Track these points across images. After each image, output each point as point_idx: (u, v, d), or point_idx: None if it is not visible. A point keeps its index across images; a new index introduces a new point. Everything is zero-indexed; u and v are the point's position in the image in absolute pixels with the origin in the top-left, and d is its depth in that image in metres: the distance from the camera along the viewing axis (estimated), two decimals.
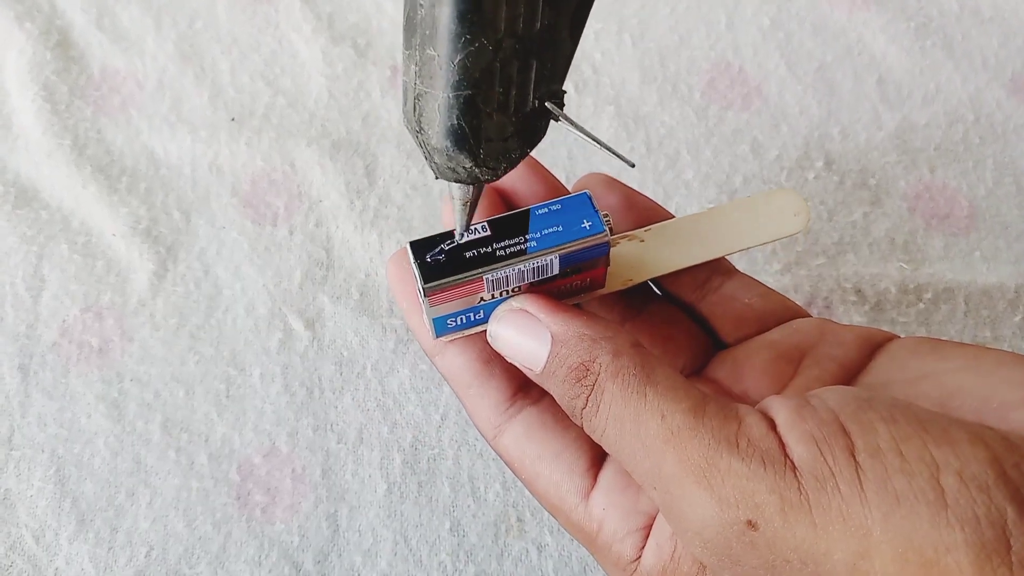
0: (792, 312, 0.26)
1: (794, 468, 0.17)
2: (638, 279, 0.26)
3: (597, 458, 0.23)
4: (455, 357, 0.24)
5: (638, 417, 0.19)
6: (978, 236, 0.38)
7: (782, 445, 0.17)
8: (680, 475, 0.18)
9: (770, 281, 0.37)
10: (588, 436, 0.23)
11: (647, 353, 0.20)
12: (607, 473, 0.23)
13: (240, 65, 0.42)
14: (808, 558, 0.17)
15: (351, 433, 0.33)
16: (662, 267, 0.26)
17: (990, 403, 0.19)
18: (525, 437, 0.23)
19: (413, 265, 0.22)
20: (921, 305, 0.36)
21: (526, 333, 0.22)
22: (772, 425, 0.18)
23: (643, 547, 0.21)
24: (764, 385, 0.24)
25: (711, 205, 0.39)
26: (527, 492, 0.32)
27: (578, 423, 0.21)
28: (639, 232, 0.26)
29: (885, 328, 0.36)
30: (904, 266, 0.37)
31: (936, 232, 0.39)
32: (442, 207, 0.26)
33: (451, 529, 0.32)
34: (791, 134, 0.41)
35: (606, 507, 0.22)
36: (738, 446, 0.18)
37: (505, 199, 0.26)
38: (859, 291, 0.37)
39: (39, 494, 0.32)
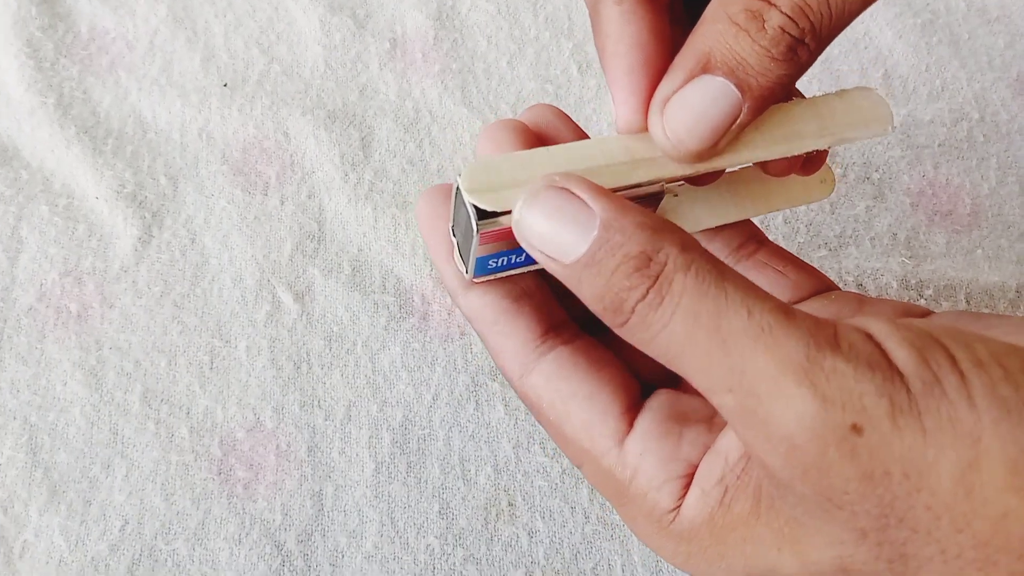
0: (825, 285, 0.25)
1: (900, 373, 0.16)
2: None
3: (633, 403, 0.22)
4: (482, 295, 0.22)
5: (718, 311, 0.17)
6: (980, 234, 0.38)
7: (883, 351, 0.16)
8: (774, 373, 0.16)
9: None
10: (625, 379, 0.22)
11: (713, 255, 0.19)
12: (645, 418, 0.21)
13: (234, 30, 0.40)
14: (912, 469, 0.15)
15: (339, 410, 0.32)
16: (694, 224, 0.25)
17: None
18: (557, 375, 0.22)
19: (466, 201, 0.20)
20: (922, 301, 0.36)
21: (565, 216, 0.19)
22: (867, 334, 0.17)
23: (683, 496, 0.20)
24: None
25: None
26: (518, 476, 0.31)
27: (618, 322, 0.18)
28: (673, 186, 0.26)
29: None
30: (906, 261, 0.37)
31: (938, 228, 0.38)
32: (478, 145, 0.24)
33: (440, 512, 0.31)
34: None
35: (643, 452, 0.20)
36: (840, 346, 0.16)
37: (543, 144, 0.25)
38: (860, 285, 0.36)
39: (9, 463, 0.30)
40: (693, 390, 0.23)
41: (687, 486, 0.20)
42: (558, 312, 0.23)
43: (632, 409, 0.22)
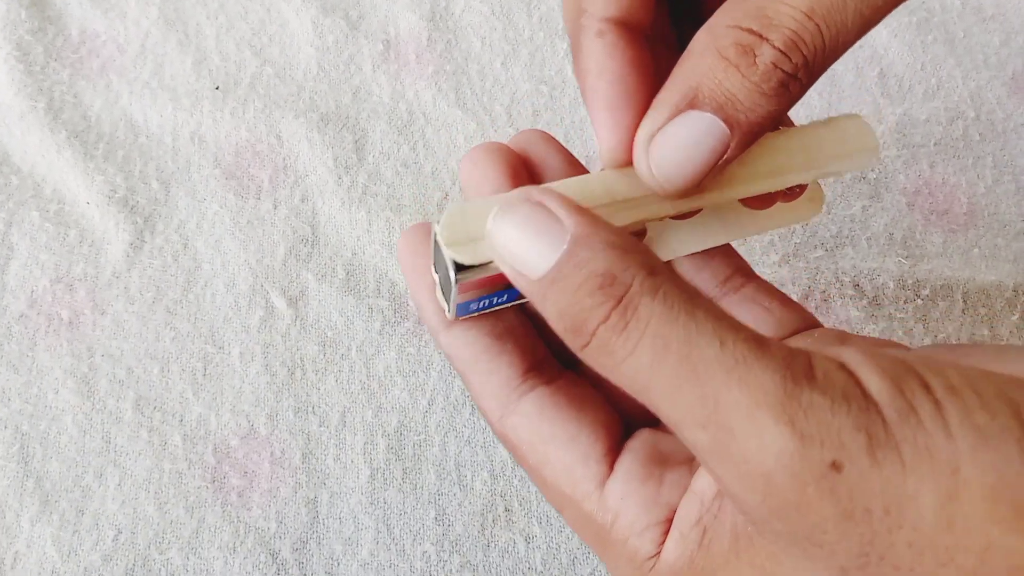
0: (808, 323, 0.25)
1: (876, 403, 0.15)
2: (663, 258, 0.25)
3: (614, 444, 0.21)
4: (463, 333, 0.22)
5: (688, 340, 0.16)
6: (977, 233, 0.38)
7: (857, 381, 0.16)
8: (749, 407, 0.15)
9: (767, 273, 0.36)
10: (607, 419, 0.21)
11: (683, 279, 0.18)
12: (625, 460, 0.21)
13: (226, 33, 0.40)
14: (893, 504, 0.15)
15: (334, 416, 0.32)
16: (681, 247, 0.25)
17: None
18: (537, 417, 0.21)
19: (445, 254, 0.20)
20: (919, 301, 0.36)
21: (536, 230, 0.18)
22: (840, 363, 0.16)
23: (663, 541, 0.19)
24: None
25: None
26: (515, 481, 0.31)
27: (579, 344, 0.18)
28: None
29: (882, 324, 0.36)
30: (903, 261, 0.37)
31: (935, 228, 0.38)
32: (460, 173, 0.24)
33: (436, 518, 0.30)
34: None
35: (623, 497, 0.20)
36: (816, 379, 0.16)
37: (528, 169, 0.24)
38: (857, 285, 0.36)
39: (0, 472, 0.30)
40: None
41: (667, 531, 0.20)
42: (540, 349, 0.23)
43: (613, 451, 0.21)
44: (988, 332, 0.35)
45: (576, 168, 0.25)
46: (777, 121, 0.20)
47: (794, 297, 0.36)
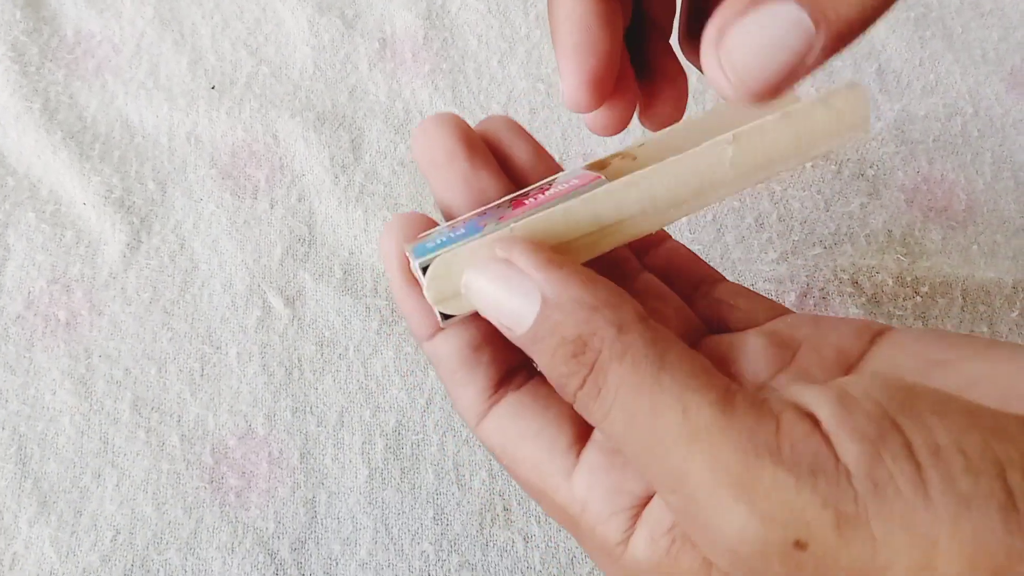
0: (778, 312, 0.24)
1: (848, 474, 0.15)
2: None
3: (579, 435, 0.21)
4: (444, 343, 0.22)
5: (653, 409, 0.16)
6: (976, 230, 0.38)
7: (830, 446, 0.15)
8: (710, 483, 0.15)
9: (765, 270, 0.36)
10: (571, 413, 0.21)
11: (657, 328, 0.18)
12: (590, 451, 0.21)
13: (222, 32, 0.40)
14: None
15: (331, 416, 0.32)
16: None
17: (1012, 391, 0.17)
18: (508, 418, 0.21)
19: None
20: (918, 298, 0.36)
21: (510, 289, 0.19)
22: (814, 422, 0.16)
23: (629, 529, 0.19)
24: (759, 368, 0.22)
25: None
26: (514, 481, 0.31)
27: (569, 400, 0.18)
28: (632, 149, 0.24)
29: (881, 321, 0.36)
30: (901, 258, 0.37)
31: (934, 225, 0.38)
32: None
33: (434, 517, 0.30)
34: None
35: (589, 487, 0.20)
36: (781, 452, 0.15)
37: (493, 150, 0.24)
38: (856, 282, 0.36)
39: None
40: None
41: (635, 517, 0.20)
42: (515, 355, 0.23)
43: (580, 439, 0.21)
44: (987, 329, 0.35)
45: (542, 155, 0.25)
46: (867, 25, 0.17)
47: (793, 295, 0.36)
